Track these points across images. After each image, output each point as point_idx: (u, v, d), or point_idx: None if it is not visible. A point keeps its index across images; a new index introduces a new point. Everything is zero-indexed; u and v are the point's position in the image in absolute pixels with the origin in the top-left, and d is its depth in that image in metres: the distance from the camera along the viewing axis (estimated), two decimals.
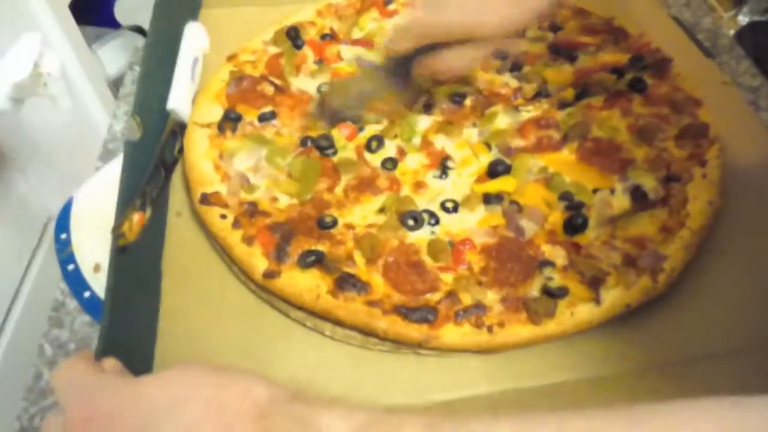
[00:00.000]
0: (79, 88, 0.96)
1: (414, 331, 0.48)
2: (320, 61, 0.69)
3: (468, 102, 0.65)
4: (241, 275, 0.53)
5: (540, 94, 0.65)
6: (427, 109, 0.64)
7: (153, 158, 0.56)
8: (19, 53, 0.59)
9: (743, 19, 1.50)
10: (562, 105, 0.64)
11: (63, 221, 0.60)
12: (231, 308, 0.52)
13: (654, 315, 0.51)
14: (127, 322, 0.48)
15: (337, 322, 0.49)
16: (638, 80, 0.64)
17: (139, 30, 1.18)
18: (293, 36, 0.70)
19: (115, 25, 1.23)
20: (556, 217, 0.55)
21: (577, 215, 0.54)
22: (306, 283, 0.50)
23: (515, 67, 0.68)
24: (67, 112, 0.73)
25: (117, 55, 1.13)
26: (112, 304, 0.45)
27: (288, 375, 0.48)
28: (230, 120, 0.61)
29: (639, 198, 0.55)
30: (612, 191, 0.56)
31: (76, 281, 0.56)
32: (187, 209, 0.58)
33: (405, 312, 0.48)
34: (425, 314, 0.48)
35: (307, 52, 0.69)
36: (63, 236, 0.59)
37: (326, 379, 0.48)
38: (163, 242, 0.56)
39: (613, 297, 0.50)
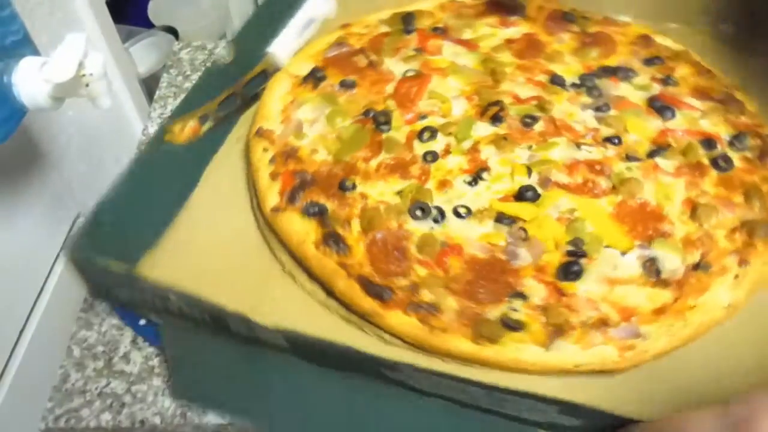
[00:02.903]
0: (114, 87, 0.97)
1: (365, 302, 0.51)
2: (420, 50, 0.72)
3: (537, 127, 0.64)
4: (258, 212, 0.60)
5: (611, 140, 0.62)
6: (496, 121, 0.65)
7: (232, 85, 0.64)
8: (65, 53, 0.57)
9: None
10: (628, 157, 0.60)
11: None
12: (236, 237, 0.59)
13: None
14: (138, 198, 0.55)
15: (309, 272, 0.54)
16: (725, 158, 0.58)
17: (171, 31, 1.18)
18: (407, 21, 0.74)
19: (147, 24, 1.25)
20: (555, 257, 0.53)
21: (575, 263, 0.52)
22: (299, 227, 0.56)
23: (602, 108, 0.65)
24: (104, 111, 0.72)
25: (149, 54, 1.13)
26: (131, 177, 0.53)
27: (250, 306, 0.53)
28: (315, 78, 0.68)
29: (651, 272, 0.52)
30: (623, 254, 0.53)
31: None
32: (245, 139, 0.66)
33: (366, 283, 0.52)
34: (382, 291, 0.51)
35: (413, 39, 0.74)
36: None
37: (278, 318, 0.53)
38: (209, 160, 0.64)
39: (566, 352, 0.48)
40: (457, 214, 0.57)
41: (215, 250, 0.57)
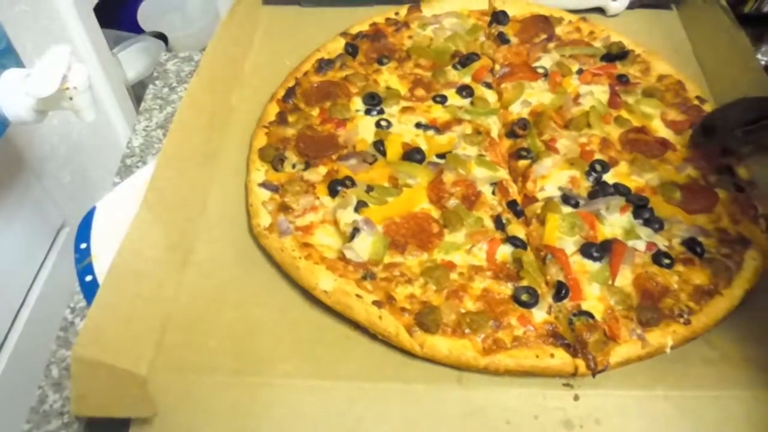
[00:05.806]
0: (100, 94, 0.94)
1: None
2: None
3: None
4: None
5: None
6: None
7: None
8: (47, 66, 0.56)
9: None
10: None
11: (84, 231, 0.60)
12: None
13: None
14: None
15: None
16: None
17: (161, 36, 1.15)
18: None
19: (137, 30, 1.21)
20: None
21: None
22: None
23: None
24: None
25: (138, 60, 1.10)
26: None
27: None
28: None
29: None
30: None
31: (92, 292, 0.55)
32: None
33: None
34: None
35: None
36: (83, 246, 0.59)
37: None
38: None
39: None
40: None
41: None
